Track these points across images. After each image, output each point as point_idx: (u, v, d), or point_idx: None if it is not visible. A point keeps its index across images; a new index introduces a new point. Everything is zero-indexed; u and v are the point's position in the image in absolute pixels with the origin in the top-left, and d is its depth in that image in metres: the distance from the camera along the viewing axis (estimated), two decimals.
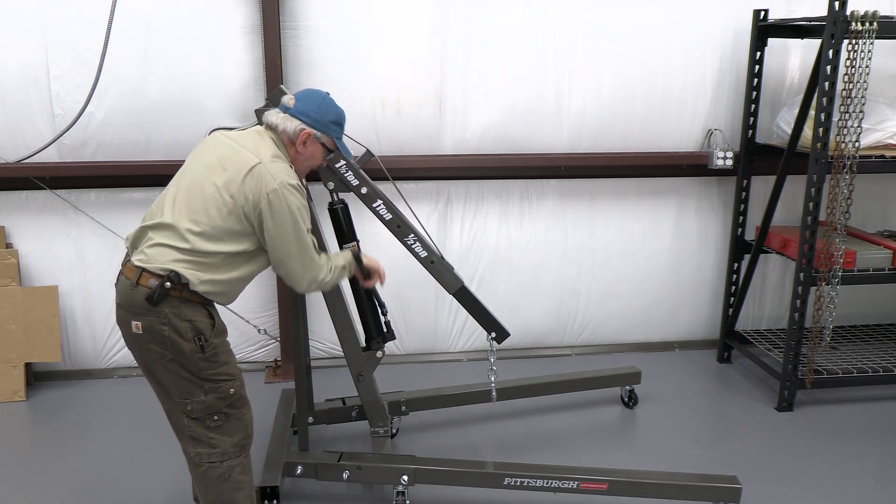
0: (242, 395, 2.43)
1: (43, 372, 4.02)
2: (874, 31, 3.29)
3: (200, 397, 2.32)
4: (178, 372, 2.29)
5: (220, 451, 2.39)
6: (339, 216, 2.85)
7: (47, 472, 3.15)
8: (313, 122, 2.44)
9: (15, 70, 3.59)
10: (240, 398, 2.42)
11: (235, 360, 2.45)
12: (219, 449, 2.39)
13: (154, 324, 2.25)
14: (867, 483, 3.12)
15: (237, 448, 2.42)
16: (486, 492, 2.95)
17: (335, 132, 2.51)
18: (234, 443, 2.41)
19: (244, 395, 2.45)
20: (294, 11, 3.73)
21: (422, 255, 2.90)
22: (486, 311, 3.00)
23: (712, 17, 4.02)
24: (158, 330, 2.25)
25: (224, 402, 2.36)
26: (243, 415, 2.44)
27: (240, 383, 2.42)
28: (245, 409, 2.45)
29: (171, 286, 2.22)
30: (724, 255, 4.39)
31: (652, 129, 4.12)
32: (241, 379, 2.45)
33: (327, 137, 2.49)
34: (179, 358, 2.27)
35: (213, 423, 2.36)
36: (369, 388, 3.02)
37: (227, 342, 2.43)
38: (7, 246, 3.83)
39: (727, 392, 3.97)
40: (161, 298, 2.22)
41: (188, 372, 2.29)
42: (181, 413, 2.35)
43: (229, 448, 2.40)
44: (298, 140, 2.43)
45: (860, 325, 4.57)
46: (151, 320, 2.24)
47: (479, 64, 3.90)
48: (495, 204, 4.18)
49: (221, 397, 2.35)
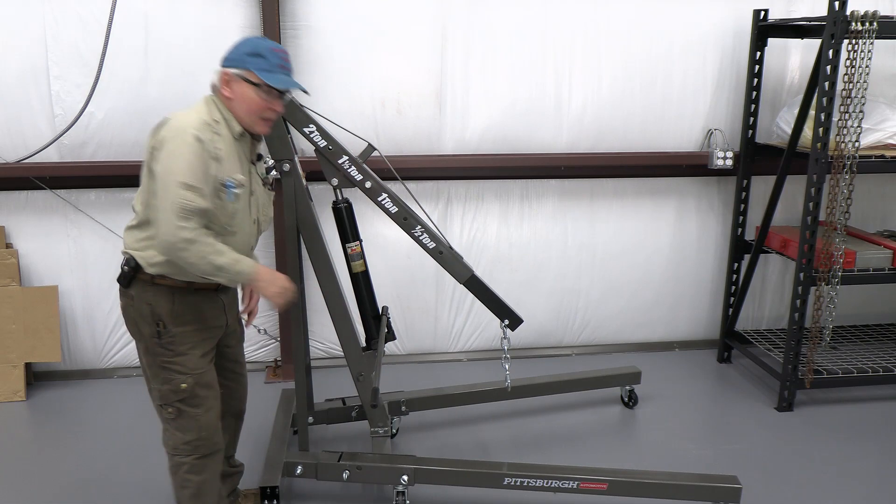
0: (199, 394, 2.37)
1: (43, 372, 4.02)
2: (874, 31, 3.29)
3: (157, 384, 2.36)
4: (144, 354, 2.38)
5: (171, 444, 2.42)
6: (342, 215, 2.85)
7: (47, 472, 3.15)
8: (228, 62, 2.30)
9: (15, 70, 3.59)
10: (194, 397, 2.36)
11: (201, 357, 2.38)
12: (170, 442, 2.41)
13: (126, 305, 2.36)
14: (867, 483, 3.12)
15: (187, 447, 2.40)
16: (486, 492, 2.95)
17: (253, 63, 2.26)
18: (185, 441, 2.39)
19: (203, 396, 2.38)
20: (294, 11, 3.73)
21: (430, 245, 2.90)
22: (498, 298, 2.99)
23: (712, 17, 4.02)
24: (128, 311, 2.36)
25: (175, 396, 2.35)
26: (198, 416, 2.38)
27: (195, 382, 2.35)
28: (201, 411, 2.38)
29: (129, 269, 2.30)
30: (724, 255, 4.39)
31: (652, 129, 4.12)
32: (204, 380, 2.38)
33: (247, 71, 2.26)
34: (143, 340, 2.35)
35: (167, 415, 2.38)
36: (369, 388, 3.02)
37: (199, 336, 2.37)
38: (7, 246, 3.83)
39: (727, 392, 3.97)
40: (129, 281, 2.31)
41: (149, 356, 2.35)
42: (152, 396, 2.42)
43: (179, 444, 2.40)
44: (221, 83, 2.30)
45: (860, 325, 4.57)
46: (125, 301, 2.36)
47: (479, 64, 3.90)
48: (495, 204, 4.19)
49: (173, 390, 2.34)
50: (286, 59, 2.34)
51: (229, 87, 2.29)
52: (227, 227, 2.30)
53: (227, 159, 2.25)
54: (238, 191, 2.28)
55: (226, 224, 2.29)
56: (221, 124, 2.28)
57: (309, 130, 2.75)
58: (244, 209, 2.35)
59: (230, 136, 2.29)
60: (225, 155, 2.25)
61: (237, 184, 2.28)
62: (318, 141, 2.76)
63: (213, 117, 2.27)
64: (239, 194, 2.29)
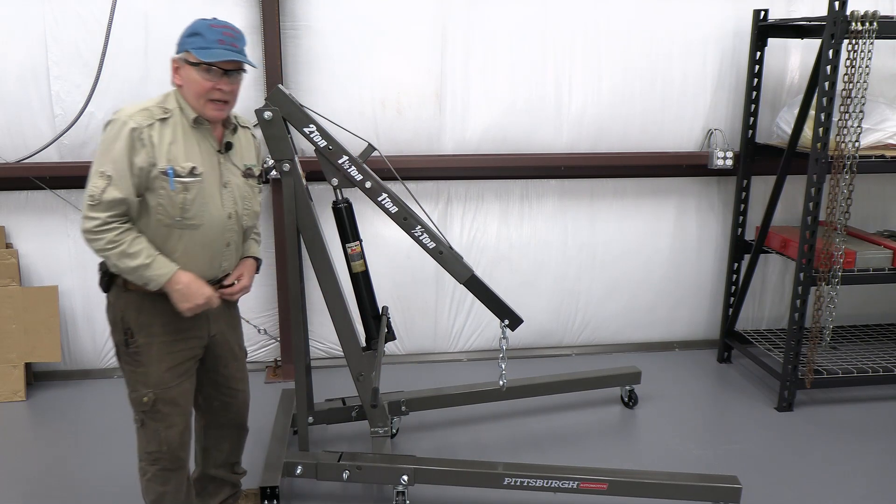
0: (161, 410, 2.30)
1: (43, 372, 4.02)
2: (874, 31, 3.29)
3: (127, 390, 2.35)
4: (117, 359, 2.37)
5: (138, 449, 2.40)
6: (342, 215, 2.85)
7: (47, 472, 3.15)
8: (176, 49, 2.24)
9: (15, 70, 3.59)
10: (156, 413, 2.30)
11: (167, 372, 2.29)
12: (138, 447, 2.40)
13: (105, 309, 2.35)
14: (867, 483, 3.12)
15: (149, 457, 2.37)
16: (486, 492, 2.95)
17: (191, 43, 2.18)
18: (147, 451, 2.37)
19: (165, 413, 2.31)
20: (294, 11, 3.73)
21: (430, 245, 2.90)
22: (498, 298, 2.99)
23: (712, 17, 4.02)
24: (106, 315, 2.34)
25: (139, 407, 2.32)
26: (160, 431, 2.32)
27: (157, 397, 2.28)
28: (162, 427, 2.32)
29: (103, 272, 2.28)
30: (724, 255, 4.39)
31: (652, 129, 4.12)
32: (168, 395, 2.30)
33: (187, 53, 2.19)
34: (115, 346, 2.35)
35: (135, 420, 2.36)
36: (369, 388, 3.02)
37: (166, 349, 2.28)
38: (7, 246, 3.83)
39: (727, 392, 3.97)
40: (107, 285, 2.29)
41: (120, 362, 2.35)
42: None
43: (142, 452, 2.39)
44: (172, 72, 2.23)
45: (860, 325, 4.57)
46: (105, 305, 2.34)
47: (480, 64, 3.90)
48: (495, 204, 4.18)
49: (136, 400, 2.32)
50: (228, 34, 2.21)
51: (178, 75, 2.23)
52: (183, 219, 2.19)
53: (173, 147, 2.16)
54: (188, 180, 2.17)
55: (176, 216, 2.18)
56: (175, 113, 2.20)
57: (309, 130, 2.74)
58: (205, 201, 2.22)
59: (185, 124, 2.21)
60: (169, 143, 2.15)
61: (186, 172, 2.16)
62: (318, 141, 2.75)
63: (166, 106, 2.20)
64: (189, 183, 2.17)
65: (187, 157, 2.19)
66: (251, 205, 2.41)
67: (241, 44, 2.25)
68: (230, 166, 2.33)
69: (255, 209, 2.43)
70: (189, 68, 2.19)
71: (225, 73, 2.20)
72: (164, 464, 2.37)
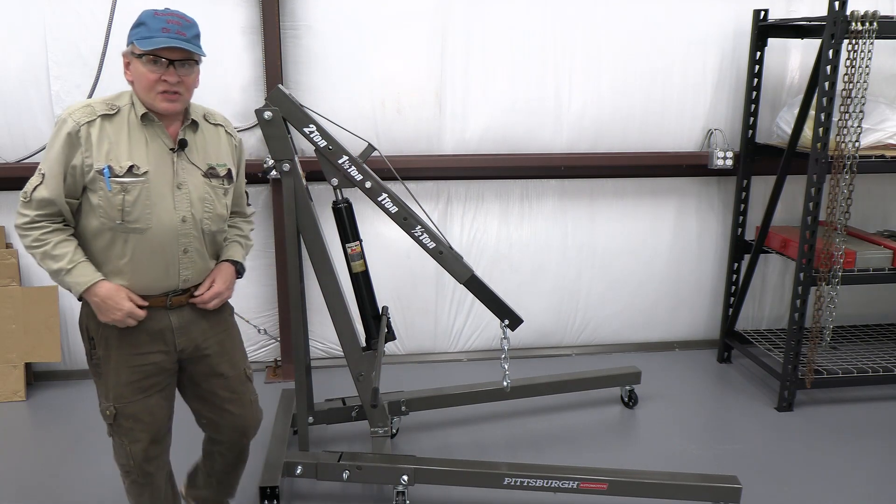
0: (122, 425, 2.23)
1: (43, 372, 4.02)
2: (874, 31, 3.29)
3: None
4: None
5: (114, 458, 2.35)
6: (342, 215, 2.85)
7: (47, 473, 3.15)
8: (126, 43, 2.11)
9: (15, 70, 3.59)
10: (118, 426, 2.23)
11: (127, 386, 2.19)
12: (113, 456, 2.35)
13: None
14: (867, 483, 3.12)
15: (122, 468, 2.34)
16: (486, 492, 2.95)
17: (135, 34, 2.05)
18: (119, 462, 2.33)
19: (127, 428, 2.23)
20: (294, 11, 3.73)
21: (430, 245, 2.90)
22: (498, 298, 2.99)
23: (712, 17, 4.02)
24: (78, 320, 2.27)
25: (105, 419, 2.25)
26: (125, 444, 2.26)
27: (117, 412, 2.21)
28: (126, 441, 2.25)
29: None
30: (724, 255, 4.39)
31: (652, 129, 4.12)
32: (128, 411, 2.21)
33: (132, 45, 2.06)
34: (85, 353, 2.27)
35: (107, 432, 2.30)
36: (369, 388, 3.02)
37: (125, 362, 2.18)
38: (7, 246, 3.83)
39: (727, 392, 3.97)
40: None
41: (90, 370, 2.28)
42: None
43: (117, 463, 2.35)
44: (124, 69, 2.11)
45: (860, 325, 4.57)
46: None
47: (480, 64, 3.90)
48: (495, 204, 4.18)
49: (102, 412, 2.25)
50: (173, 22, 2.04)
51: (128, 70, 2.10)
52: (125, 222, 2.06)
53: (115, 145, 2.04)
54: (126, 180, 2.04)
55: (117, 219, 2.05)
56: (124, 109, 2.09)
57: (309, 130, 2.74)
58: (151, 202, 2.08)
59: (133, 120, 2.09)
60: (110, 141, 2.04)
61: (123, 171, 2.03)
62: (318, 141, 2.75)
63: (115, 103, 2.09)
64: (127, 184, 2.04)
65: (130, 156, 2.05)
66: (213, 207, 2.20)
67: (190, 32, 2.06)
68: (187, 165, 2.15)
69: (218, 212, 2.23)
70: (135, 61, 2.05)
71: (171, 64, 2.04)
72: (133, 477, 2.33)
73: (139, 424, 2.24)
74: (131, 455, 2.27)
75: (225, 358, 2.37)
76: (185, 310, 2.25)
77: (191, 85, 2.12)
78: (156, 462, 2.34)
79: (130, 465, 2.29)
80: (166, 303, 2.20)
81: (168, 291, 2.19)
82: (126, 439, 2.25)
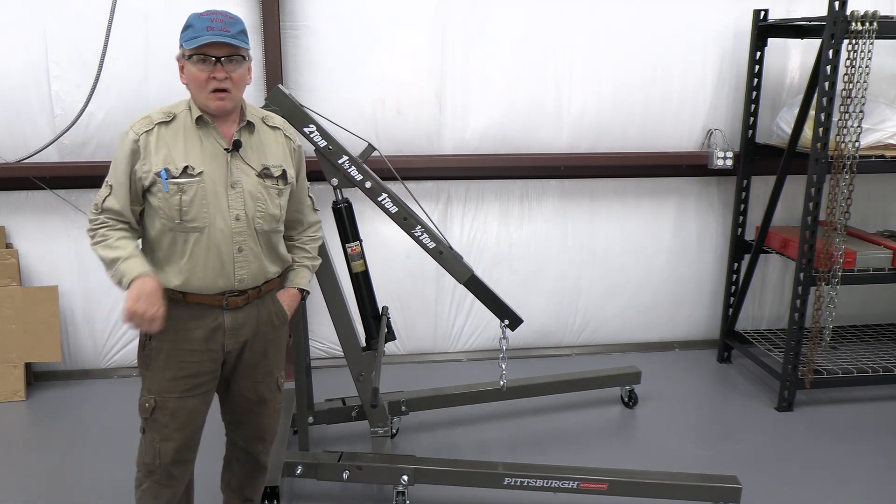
0: (159, 420, 2.24)
1: (43, 372, 4.02)
2: (874, 31, 3.29)
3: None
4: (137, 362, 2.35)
5: (137, 458, 2.33)
6: (342, 215, 2.85)
7: (47, 472, 3.15)
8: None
9: (15, 70, 3.59)
10: (154, 421, 2.24)
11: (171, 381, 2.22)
12: (137, 455, 2.33)
13: None
14: (867, 483, 3.12)
15: (145, 467, 2.31)
16: (486, 492, 2.95)
17: (183, 37, 2.13)
18: (144, 461, 2.30)
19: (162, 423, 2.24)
20: (294, 11, 3.73)
21: (430, 245, 2.90)
22: (498, 298, 2.99)
23: (712, 17, 4.02)
24: None
25: (142, 413, 2.26)
26: (156, 442, 2.25)
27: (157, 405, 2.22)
28: (158, 438, 2.25)
29: None
30: (724, 255, 4.39)
31: (652, 129, 4.12)
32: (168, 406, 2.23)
33: (181, 48, 2.14)
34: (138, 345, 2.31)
35: (139, 428, 2.30)
36: (369, 388, 3.02)
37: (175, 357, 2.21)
38: (7, 246, 3.83)
39: (727, 392, 3.97)
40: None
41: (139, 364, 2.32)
42: None
43: (140, 462, 2.33)
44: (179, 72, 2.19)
45: (860, 325, 4.57)
46: None
47: (480, 64, 3.90)
48: (495, 204, 4.18)
49: (141, 405, 2.26)
50: (217, 20, 2.10)
51: (183, 74, 2.18)
52: (183, 222, 2.13)
53: (173, 149, 2.13)
54: (182, 180, 2.11)
55: (176, 218, 2.13)
56: (181, 115, 2.17)
57: (309, 130, 2.75)
58: (206, 202, 2.14)
59: (189, 123, 2.16)
60: (168, 145, 2.13)
61: (179, 172, 2.11)
62: (318, 141, 2.76)
63: (174, 110, 2.19)
64: (183, 184, 2.11)
65: (186, 157, 2.14)
66: (266, 207, 2.23)
67: (235, 28, 2.12)
68: (241, 165, 2.20)
69: (271, 212, 2.25)
70: (186, 63, 2.13)
71: (218, 61, 2.10)
72: (156, 478, 2.29)
73: (174, 422, 2.26)
74: (159, 454, 2.27)
75: (262, 365, 2.39)
76: (239, 312, 2.27)
77: (239, 81, 2.17)
78: (182, 467, 2.34)
79: (156, 465, 2.28)
80: (223, 302, 2.24)
81: (224, 291, 2.23)
82: (158, 436, 2.26)
